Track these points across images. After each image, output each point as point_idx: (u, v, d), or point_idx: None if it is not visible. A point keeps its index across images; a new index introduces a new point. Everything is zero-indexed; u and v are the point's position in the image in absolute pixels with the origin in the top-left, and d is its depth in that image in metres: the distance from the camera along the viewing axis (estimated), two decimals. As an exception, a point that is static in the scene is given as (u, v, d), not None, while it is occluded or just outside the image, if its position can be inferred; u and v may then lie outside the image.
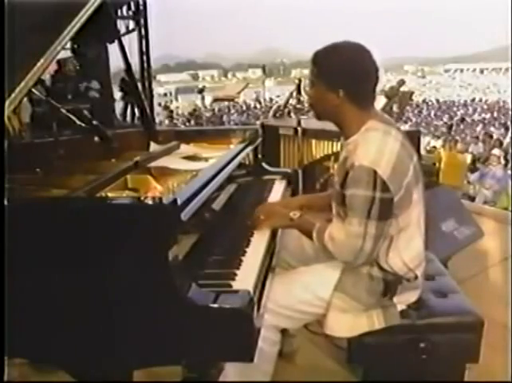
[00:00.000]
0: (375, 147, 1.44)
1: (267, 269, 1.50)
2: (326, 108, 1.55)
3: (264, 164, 2.49)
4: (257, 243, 1.62)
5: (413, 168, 1.51)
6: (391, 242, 1.55)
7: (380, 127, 1.51)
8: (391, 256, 1.56)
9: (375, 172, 1.40)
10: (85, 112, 1.86)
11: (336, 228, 1.53)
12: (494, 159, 8.42)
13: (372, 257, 1.50)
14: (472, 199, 7.08)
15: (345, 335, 1.61)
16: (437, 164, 5.96)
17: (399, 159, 1.45)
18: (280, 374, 1.72)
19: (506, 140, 12.41)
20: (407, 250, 1.57)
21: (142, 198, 1.50)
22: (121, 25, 8.17)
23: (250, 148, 2.29)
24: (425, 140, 11.83)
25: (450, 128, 16.09)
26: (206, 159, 2.10)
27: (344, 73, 1.49)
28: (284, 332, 1.75)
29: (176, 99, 35.03)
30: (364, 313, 1.58)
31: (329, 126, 1.66)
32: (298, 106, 3.87)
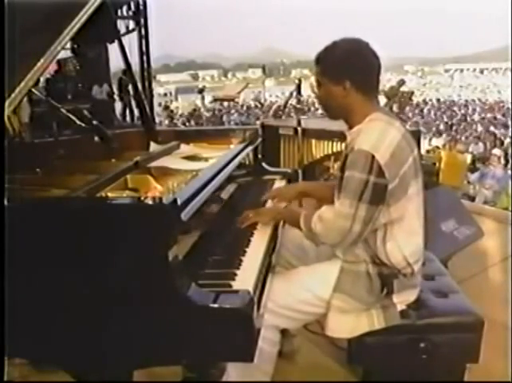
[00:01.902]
0: (376, 134, 1.48)
1: (267, 269, 1.50)
2: (335, 103, 1.58)
3: (264, 164, 2.49)
4: (257, 243, 1.62)
5: (413, 161, 1.52)
6: (385, 233, 1.55)
7: (383, 118, 1.54)
8: (389, 248, 1.56)
9: (372, 157, 1.42)
10: (85, 112, 1.86)
11: (325, 210, 1.54)
12: (494, 159, 8.42)
13: (359, 240, 1.51)
14: (472, 199, 7.08)
15: (346, 336, 1.61)
16: (437, 164, 5.95)
17: (398, 149, 1.47)
18: (280, 374, 1.72)
19: (507, 140, 12.41)
20: (407, 244, 1.57)
21: (142, 198, 1.50)
22: (121, 25, 8.18)
23: (250, 148, 2.29)
24: (425, 141, 11.84)
25: (450, 127, 16.09)
26: (206, 159, 2.10)
27: (347, 65, 1.53)
28: (284, 332, 1.75)
29: (176, 99, 35.03)
30: (364, 313, 1.58)
31: (329, 126, 1.67)
32: (298, 106, 3.87)
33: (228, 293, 1.24)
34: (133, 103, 8.56)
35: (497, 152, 9.88)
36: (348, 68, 1.53)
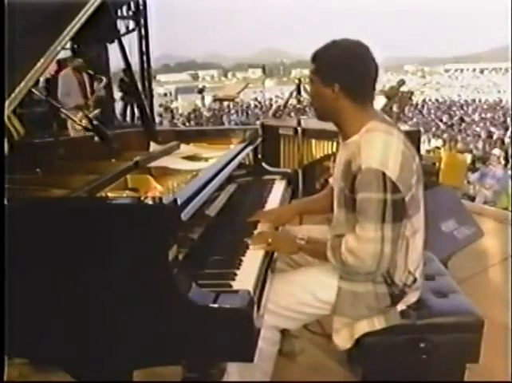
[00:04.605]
0: (380, 148, 1.42)
1: (267, 269, 1.50)
2: (323, 105, 1.53)
3: (264, 164, 2.49)
4: (258, 243, 1.61)
5: (416, 168, 1.50)
6: (408, 246, 1.53)
7: (381, 127, 1.49)
8: (401, 263, 1.54)
9: (383, 174, 1.37)
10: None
11: (351, 239, 1.45)
12: (494, 159, 8.43)
13: (392, 262, 1.46)
14: (472, 199, 7.08)
15: (350, 344, 1.59)
16: (437, 164, 5.96)
17: (405, 159, 1.43)
18: (280, 374, 1.72)
19: (506, 140, 12.42)
20: (412, 252, 1.56)
21: (142, 198, 1.50)
22: (121, 25, 8.18)
23: (250, 148, 2.29)
24: (425, 141, 11.84)
25: (450, 127, 16.10)
26: (206, 159, 2.10)
27: (338, 67, 1.47)
28: (284, 332, 1.75)
29: (176, 99, 35.03)
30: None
31: (329, 126, 1.66)
32: (298, 106, 3.87)
33: (228, 293, 1.24)
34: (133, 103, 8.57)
35: (496, 151, 9.89)
36: (339, 71, 1.47)
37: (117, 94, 9.80)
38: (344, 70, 1.47)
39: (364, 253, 1.42)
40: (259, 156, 2.47)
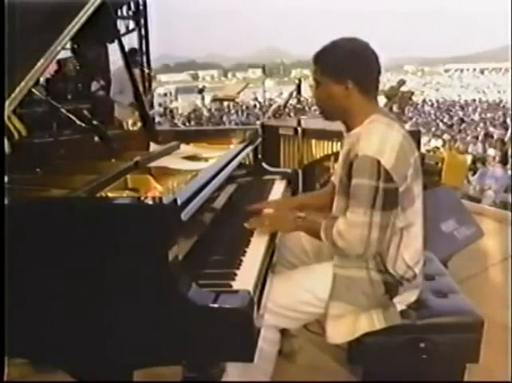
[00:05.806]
0: (378, 138, 1.45)
1: (267, 269, 1.50)
2: (334, 104, 1.56)
3: (264, 164, 2.49)
4: (257, 243, 1.61)
5: (414, 162, 1.52)
6: (401, 238, 1.54)
7: (383, 120, 1.53)
8: (393, 253, 1.55)
9: (378, 162, 1.40)
10: (85, 112, 1.87)
11: (341, 222, 1.49)
12: (490, 160, 8.46)
13: (381, 247, 1.48)
14: (472, 199, 7.07)
15: (346, 340, 1.60)
16: (439, 164, 5.95)
17: (402, 151, 1.45)
18: (280, 374, 1.72)
19: (506, 140, 12.42)
20: (408, 247, 1.57)
21: (142, 198, 1.50)
22: (121, 25, 8.17)
23: (250, 148, 2.29)
24: (425, 141, 11.84)
25: (450, 127, 16.10)
26: (206, 159, 2.09)
27: (349, 64, 1.51)
28: (284, 332, 1.75)
29: (176, 99, 35.02)
30: (363, 315, 1.57)
31: (329, 126, 1.66)
32: (298, 106, 3.87)
33: (228, 293, 1.24)
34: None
35: (491, 152, 9.91)
36: (351, 67, 1.51)
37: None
38: (356, 65, 1.52)
39: (351, 236, 1.45)
40: (259, 156, 2.47)
